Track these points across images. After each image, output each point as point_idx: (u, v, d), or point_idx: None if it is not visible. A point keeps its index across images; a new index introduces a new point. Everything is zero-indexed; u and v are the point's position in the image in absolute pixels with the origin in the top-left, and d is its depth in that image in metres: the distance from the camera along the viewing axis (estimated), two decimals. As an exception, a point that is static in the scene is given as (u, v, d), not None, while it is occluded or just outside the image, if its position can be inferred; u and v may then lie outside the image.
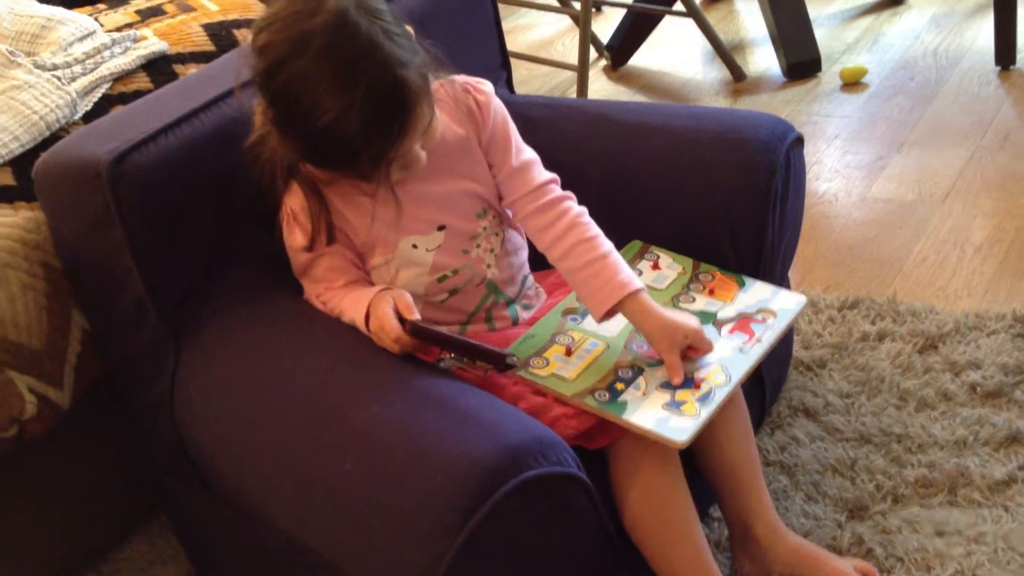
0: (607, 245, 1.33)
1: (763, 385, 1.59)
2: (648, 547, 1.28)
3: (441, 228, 1.34)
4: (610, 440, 1.26)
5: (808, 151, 2.51)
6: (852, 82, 2.78)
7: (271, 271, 1.36)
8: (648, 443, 1.26)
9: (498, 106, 1.38)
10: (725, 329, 1.35)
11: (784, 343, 1.69)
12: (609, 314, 1.31)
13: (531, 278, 1.46)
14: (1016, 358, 1.67)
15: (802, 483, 1.54)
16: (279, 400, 1.23)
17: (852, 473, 1.54)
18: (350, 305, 1.28)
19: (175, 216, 1.29)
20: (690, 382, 1.27)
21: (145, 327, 1.32)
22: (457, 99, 1.34)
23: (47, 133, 1.48)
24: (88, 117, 1.53)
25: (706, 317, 1.37)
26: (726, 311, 1.38)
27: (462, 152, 1.36)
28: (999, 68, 2.68)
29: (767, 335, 1.33)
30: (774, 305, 1.38)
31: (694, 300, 1.40)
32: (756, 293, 1.40)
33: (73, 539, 1.59)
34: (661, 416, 1.23)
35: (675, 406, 1.24)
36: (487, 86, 1.38)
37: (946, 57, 2.83)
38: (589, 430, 1.26)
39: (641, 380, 1.28)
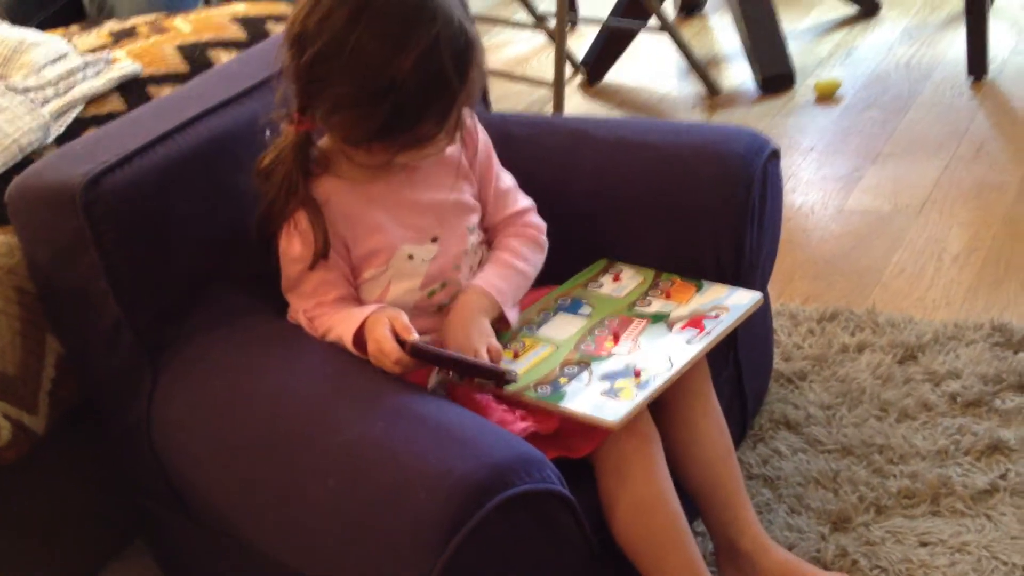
0: (509, 259, 1.41)
1: (744, 399, 1.59)
2: (639, 557, 1.27)
3: (435, 240, 1.35)
4: (592, 446, 1.25)
5: (784, 164, 2.50)
6: (826, 95, 2.80)
7: (250, 292, 1.36)
8: (634, 454, 1.26)
9: (483, 130, 1.43)
10: (677, 326, 1.36)
11: (762, 357, 1.70)
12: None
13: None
14: (995, 367, 1.68)
15: (785, 496, 1.54)
16: (259, 422, 1.22)
17: (835, 485, 1.54)
18: (340, 322, 1.28)
19: (151, 239, 1.28)
20: (631, 371, 1.28)
21: (121, 350, 1.31)
22: None
23: (20, 156, 1.46)
24: (61, 140, 1.52)
25: (658, 317, 1.38)
26: (680, 311, 1.39)
27: (455, 167, 1.39)
28: (972, 78, 2.70)
29: (716, 327, 1.34)
30: (728, 302, 1.39)
31: (650, 304, 1.42)
32: (712, 294, 1.42)
33: (48, 566, 1.57)
34: (598, 402, 1.24)
35: (613, 393, 1.25)
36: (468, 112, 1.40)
37: (919, 69, 2.85)
38: (564, 437, 1.25)
39: (585, 374, 1.30)
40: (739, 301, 1.40)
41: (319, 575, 1.18)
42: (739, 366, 1.56)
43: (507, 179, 1.46)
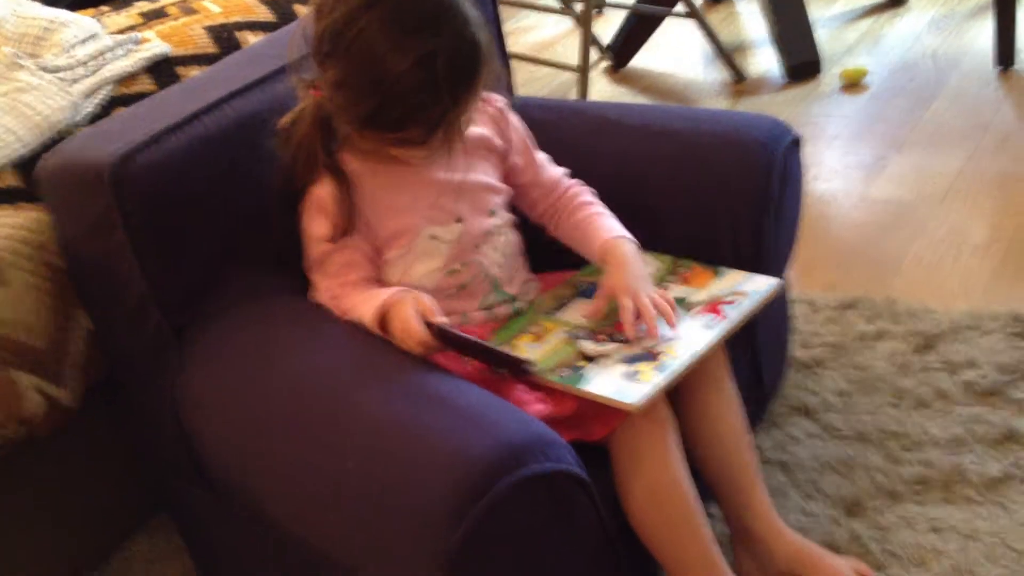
0: (603, 210, 1.46)
1: (761, 384, 1.60)
2: (655, 542, 1.29)
3: (459, 221, 1.37)
4: (608, 429, 1.27)
5: (808, 152, 2.52)
6: (852, 83, 2.80)
7: (275, 271, 1.38)
8: (650, 438, 1.28)
9: (517, 118, 1.46)
10: (695, 311, 1.38)
11: (779, 343, 1.71)
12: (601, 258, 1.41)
13: (531, 280, 1.48)
14: (1012, 357, 1.69)
15: (800, 481, 1.55)
16: (282, 399, 1.24)
17: (849, 471, 1.55)
18: (363, 301, 1.30)
19: (178, 217, 1.30)
20: (649, 355, 1.30)
21: (147, 327, 1.33)
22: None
23: (50, 135, 1.49)
24: (92, 119, 1.55)
25: (677, 302, 1.39)
26: (698, 296, 1.40)
27: (482, 150, 1.42)
28: (999, 69, 2.69)
29: (733, 313, 1.36)
30: (746, 287, 1.40)
31: (669, 289, 1.43)
32: (730, 279, 1.43)
33: (77, 537, 1.61)
34: (618, 384, 1.26)
35: (633, 376, 1.27)
36: (498, 100, 1.44)
37: (945, 59, 2.84)
38: (580, 420, 1.27)
39: (605, 359, 1.31)
40: (757, 287, 1.41)
41: (338, 550, 1.21)
42: (756, 352, 1.57)
43: (541, 156, 1.50)
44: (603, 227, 1.43)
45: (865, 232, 2.18)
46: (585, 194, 1.49)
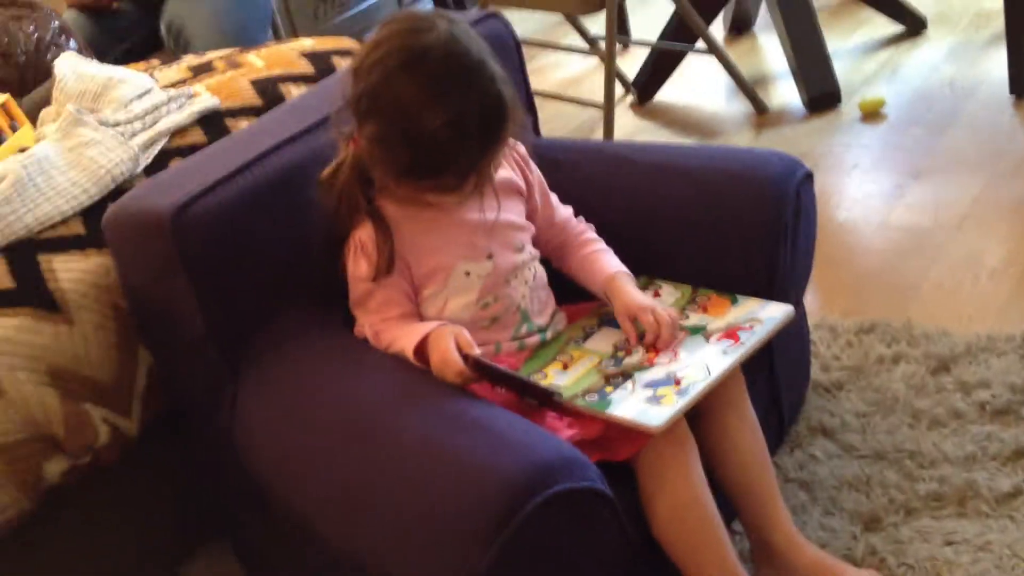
0: (604, 247, 1.59)
1: (780, 407, 1.69)
2: (678, 555, 1.37)
3: (490, 257, 1.47)
4: (633, 450, 1.36)
5: (828, 181, 2.61)
6: (871, 113, 2.88)
7: (325, 308, 1.49)
8: (672, 459, 1.36)
9: (532, 160, 1.58)
10: (713, 338, 1.46)
11: (799, 368, 1.79)
12: (605, 290, 1.54)
13: (558, 311, 1.57)
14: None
15: (820, 498, 1.63)
16: (328, 425, 1.35)
17: (867, 488, 1.63)
18: (403, 335, 1.40)
19: (234, 261, 1.41)
20: (671, 380, 1.38)
21: (206, 362, 1.44)
22: None
23: (113, 186, 1.61)
24: (149, 170, 1.67)
25: (696, 330, 1.48)
26: (716, 324, 1.49)
27: (507, 191, 1.53)
28: (1014, 97, 2.76)
29: (750, 339, 1.44)
30: (762, 315, 1.49)
31: (688, 317, 1.52)
32: (746, 307, 1.51)
33: (138, 560, 1.71)
34: (641, 408, 1.35)
35: (655, 400, 1.36)
36: (520, 146, 1.56)
37: (962, 87, 2.92)
38: (606, 441, 1.35)
39: (629, 384, 1.40)
40: (772, 314, 1.49)
41: (384, 564, 1.30)
42: (775, 376, 1.66)
43: (554, 198, 1.61)
44: (606, 263, 1.56)
45: (884, 258, 2.26)
46: (589, 232, 1.61)
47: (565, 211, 1.62)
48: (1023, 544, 1.48)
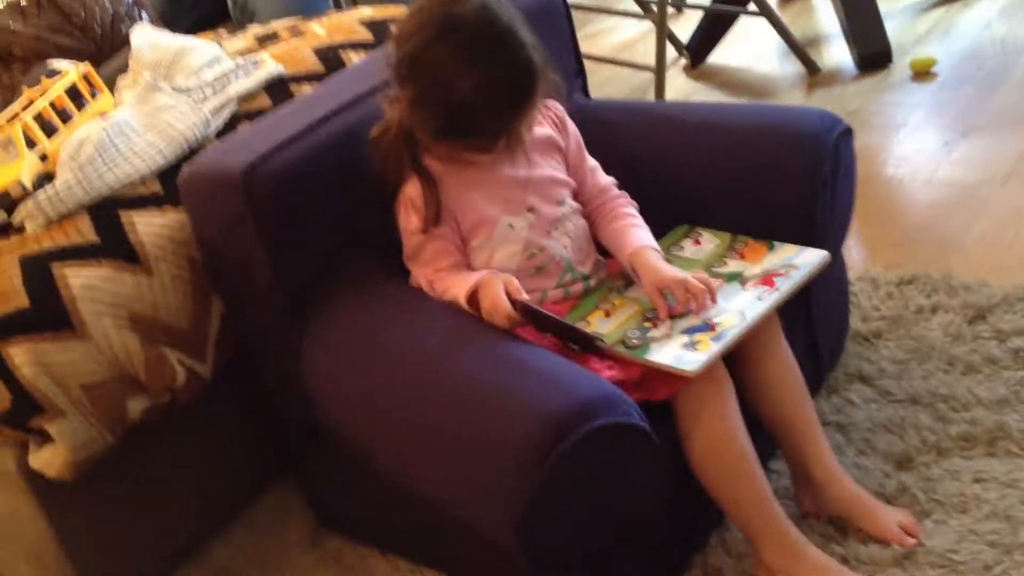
0: (639, 222, 1.62)
1: (818, 352, 1.76)
2: (714, 487, 1.46)
3: (531, 210, 1.56)
4: (671, 391, 1.44)
5: (876, 139, 2.65)
6: (922, 72, 2.90)
7: (382, 259, 1.59)
8: (709, 397, 1.44)
9: (571, 121, 1.66)
10: (749, 284, 1.53)
11: (837, 317, 1.86)
12: (631, 263, 1.57)
13: (601, 260, 1.66)
14: (1058, 325, 1.81)
15: (855, 440, 1.70)
16: (390, 364, 1.45)
17: (900, 430, 1.69)
18: (456, 283, 1.50)
19: (299, 215, 1.52)
20: (707, 326, 1.46)
21: (274, 309, 1.55)
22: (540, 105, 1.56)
23: (187, 148, 1.73)
24: (220, 133, 1.78)
25: (733, 276, 1.55)
26: (752, 270, 1.56)
27: (546, 148, 1.61)
28: (1065, 53, 2.78)
29: (785, 284, 1.51)
30: (797, 261, 1.55)
31: (726, 264, 1.59)
32: (783, 253, 1.58)
33: (212, 496, 1.85)
34: (677, 353, 1.42)
35: (691, 346, 1.43)
36: (558, 106, 1.64)
37: (1014, 45, 2.93)
38: (646, 382, 1.44)
39: (666, 326, 1.47)
40: (807, 260, 1.56)
41: (437, 490, 1.41)
42: (812, 322, 1.73)
43: (592, 161, 1.68)
44: (636, 237, 1.59)
45: (929, 213, 2.31)
46: (626, 205, 1.65)
47: (605, 180, 1.68)
48: (1050, 482, 1.54)
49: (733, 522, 1.52)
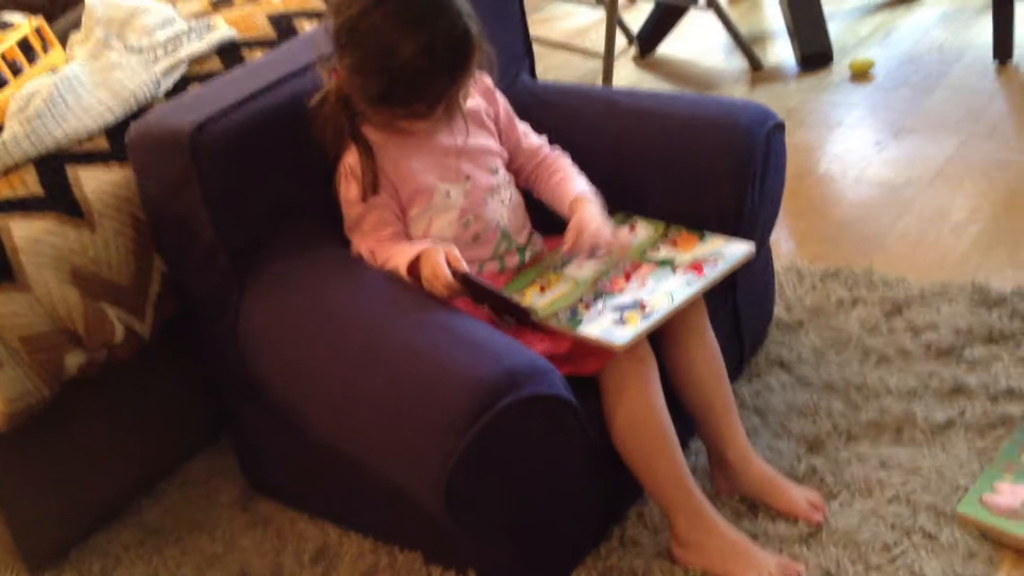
0: (575, 172, 1.71)
1: (741, 338, 1.83)
2: (632, 460, 1.52)
3: (467, 178, 1.61)
4: (599, 365, 1.50)
5: (812, 136, 2.74)
6: (860, 73, 2.99)
7: (323, 226, 1.63)
8: (633, 374, 1.50)
9: (500, 93, 1.72)
10: (680, 270, 1.60)
11: (762, 306, 1.93)
12: (570, 211, 1.64)
13: (535, 234, 1.71)
14: (969, 321, 1.89)
15: (771, 423, 1.78)
16: (325, 329, 1.49)
17: (814, 415, 1.77)
18: (397, 252, 1.54)
19: (244, 177, 1.55)
20: (637, 305, 1.52)
21: (215, 270, 1.58)
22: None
23: (136, 107, 1.75)
24: (169, 94, 1.80)
25: (665, 262, 1.62)
26: (683, 257, 1.63)
27: (478, 118, 1.67)
28: (996, 62, 2.88)
29: (712, 272, 1.58)
30: (725, 251, 1.62)
31: (659, 251, 1.65)
32: (712, 243, 1.65)
33: (145, 455, 1.87)
34: (607, 328, 1.49)
35: (621, 322, 1.50)
36: (487, 77, 1.68)
37: (951, 51, 3.03)
38: (575, 357, 1.50)
39: (600, 304, 1.54)
40: (734, 251, 1.63)
41: (367, 453, 1.46)
42: (737, 310, 1.80)
43: (522, 125, 1.75)
44: (574, 187, 1.67)
45: (856, 211, 2.39)
46: (562, 159, 1.73)
47: (538, 139, 1.75)
48: (951, 469, 1.63)
49: (650, 496, 1.58)
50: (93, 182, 1.64)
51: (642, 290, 1.57)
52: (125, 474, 1.86)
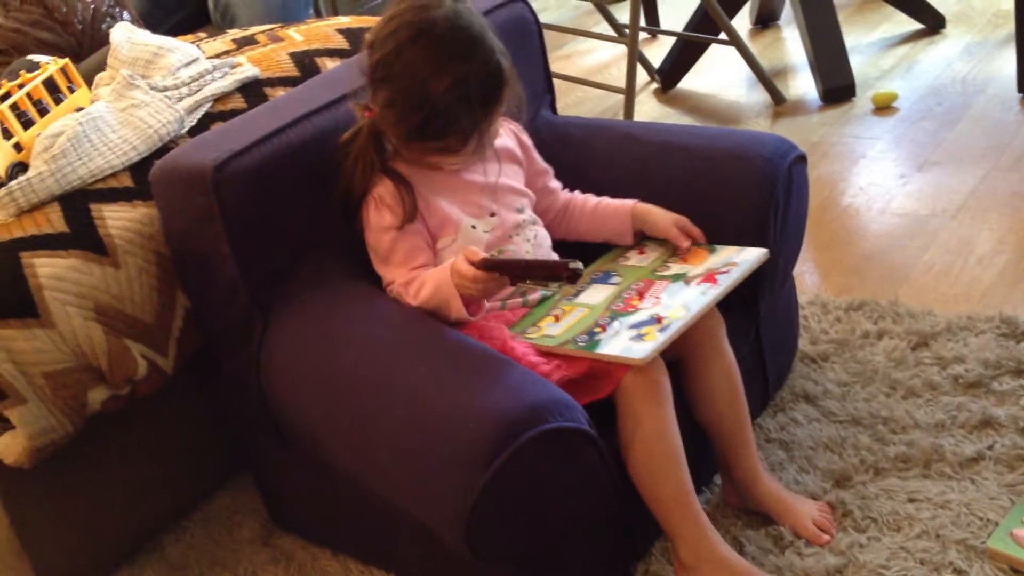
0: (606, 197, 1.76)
1: (765, 371, 1.82)
2: (640, 483, 1.50)
3: (493, 215, 1.63)
4: (614, 384, 1.48)
5: (835, 169, 2.73)
6: (883, 106, 2.99)
7: (343, 260, 1.63)
8: (646, 390, 1.48)
9: (526, 134, 1.75)
10: (693, 282, 1.59)
11: (788, 337, 1.92)
12: (634, 233, 1.73)
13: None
14: (997, 354, 1.87)
15: (796, 457, 1.76)
16: (345, 366, 1.49)
17: (841, 449, 1.75)
18: (428, 277, 1.53)
19: (266, 213, 1.56)
20: (654, 320, 1.52)
21: (237, 304, 1.59)
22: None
23: (160, 144, 1.77)
24: (193, 132, 1.82)
25: (677, 277, 1.61)
26: (695, 270, 1.62)
27: (507, 158, 1.69)
28: (1021, 95, 2.86)
29: (727, 280, 1.57)
30: (737, 259, 1.62)
31: (669, 268, 1.65)
32: (724, 254, 1.64)
33: (169, 488, 1.87)
34: (626, 345, 1.48)
35: (639, 338, 1.49)
36: (515, 123, 1.72)
37: (974, 84, 3.02)
38: (592, 380, 1.48)
39: (616, 325, 1.53)
40: (747, 257, 1.62)
41: (388, 489, 1.45)
42: (761, 343, 1.79)
43: (544, 164, 1.78)
44: (619, 203, 1.74)
45: (881, 243, 2.38)
46: (584, 193, 1.78)
47: (557, 184, 1.78)
48: (980, 504, 1.60)
49: (655, 516, 1.54)
50: (117, 220, 1.66)
51: (657, 306, 1.56)
52: (147, 510, 1.86)
